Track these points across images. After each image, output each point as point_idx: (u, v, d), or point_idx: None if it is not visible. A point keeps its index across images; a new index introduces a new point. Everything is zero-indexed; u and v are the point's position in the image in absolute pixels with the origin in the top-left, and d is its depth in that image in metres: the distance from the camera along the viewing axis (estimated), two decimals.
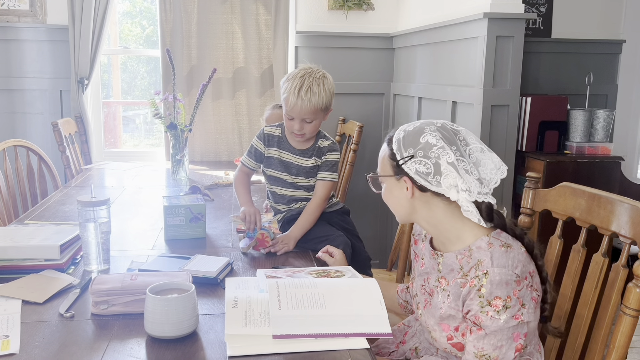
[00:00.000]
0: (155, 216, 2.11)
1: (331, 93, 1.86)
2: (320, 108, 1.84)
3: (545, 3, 3.22)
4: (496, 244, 1.15)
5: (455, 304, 1.17)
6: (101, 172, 3.02)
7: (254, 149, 1.96)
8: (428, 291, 1.28)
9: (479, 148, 1.21)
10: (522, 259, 1.13)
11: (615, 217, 1.23)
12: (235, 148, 3.51)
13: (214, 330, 1.19)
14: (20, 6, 3.37)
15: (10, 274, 1.46)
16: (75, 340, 1.15)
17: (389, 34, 3.58)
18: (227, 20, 3.38)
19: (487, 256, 1.13)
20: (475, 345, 1.13)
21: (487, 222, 1.19)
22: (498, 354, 1.12)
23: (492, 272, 1.10)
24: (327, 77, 1.87)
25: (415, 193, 1.20)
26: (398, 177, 1.22)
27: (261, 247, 1.71)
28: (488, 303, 1.10)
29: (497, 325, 1.10)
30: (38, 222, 1.97)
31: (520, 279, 1.11)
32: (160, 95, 2.78)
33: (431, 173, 1.16)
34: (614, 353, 1.16)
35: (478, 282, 1.11)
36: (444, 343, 1.23)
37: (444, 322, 1.21)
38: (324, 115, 1.89)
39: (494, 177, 1.20)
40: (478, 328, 1.12)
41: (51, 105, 3.48)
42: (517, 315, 1.10)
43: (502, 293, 1.09)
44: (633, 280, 1.14)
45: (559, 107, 2.68)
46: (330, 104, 1.88)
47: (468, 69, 2.58)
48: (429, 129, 1.20)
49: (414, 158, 1.18)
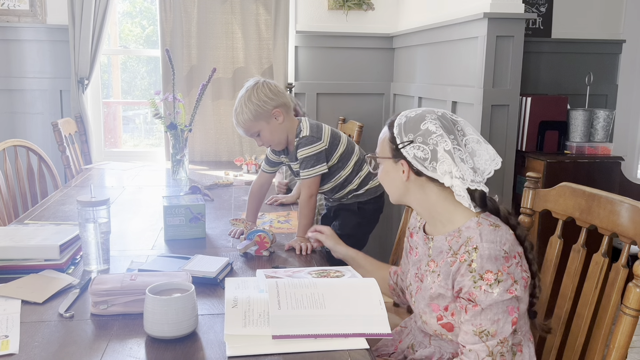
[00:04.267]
0: (155, 216, 2.11)
1: (260, 101, 1.89)
2: (251, 120, 1.90)
3: (545, 3, 3.22)
4: (485, 223, 1.19)
5: (445, 282, 1.20)
6: (101, 172, 3.02)
7: (267, 157, 2.11)
8: (420, 277, 1.31)
9: (476, 139, 1.26)
10: (510, 238, 1.17)
11: (615, 217, 1.23)
12: (235, 148, 3.51)
13: (213, 331, 1.19)
14: (20, 6, 3.37)
15: (10, 274, 1.46)
16: (74, 340, 1.15)
17: (389, 34, 3.58)
18: (227, 20, 3.38)
19: (476, 233, 1.17)
20: (473, 322, 1.15)
21: (479, 208, 1.23)
22: (496, 328, 1.14)
23: (481, 246, 1.14)
24: (254, 89, 1.91)
25: (410, 176, 1.25)
26: (396, 160, 1.26)
27: (262, 250, 1.70)
28: (480, 277, 1.13)
29: (492, 299, 1.12)
30: (38, 222, 1.96)
31: (509, 256, 1.14)
32: (160, 95, 2.78)
33: (428, 159, 1.21)
34: (614, 353, 1.16)
35: (468, 257, 1.15)
36: (434, 324, 1.25)
37: (434, 302, 1.24)
38: (267, 122, 1.92)
39: (488, 168, 1.25)
40: (473, 305, 1.14)
41: (51, 105, 3.48)
42: (510, 289, 1.13)
43: (493, 267, 1.13)
44: (633, 280, 1.14)
45: (559, 107, 2.68)
46: (265, 110, 1.90)
47: (468, 69, 2.58)
48: (430, 116, 1.24)
49: (413, 143, 1.22)
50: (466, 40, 2.59)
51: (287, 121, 1.96)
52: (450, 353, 1.28)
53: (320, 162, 1.97)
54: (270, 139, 1.95)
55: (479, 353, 1.14)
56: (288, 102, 1.99)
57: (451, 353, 1.27)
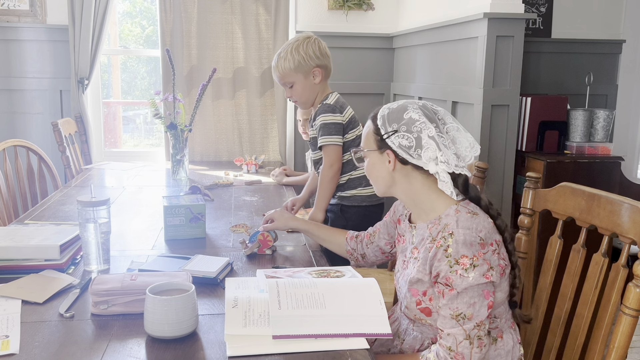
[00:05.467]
0: (155, 216, 2.11)
1: (307, 55, 1.96)
2: (291, 70, 1.96)
3: (545, 3, 3.22)
4: (463, 210, 1.23)
5: (423, 267, 1.23)
6: (101, 172, 3.02)
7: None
8: (405, 264, 1.34)
9: (455, 127, 1.31)
10: (487, 226, 1.20)
11: (615, 217, 1.23)
12: (235, 148, 3.51)
13: (213, 331, 1.19)
14: (20, 6, 3.37)
15: (10, 274, 1.46)
16: (75, 341, 1.15)
17: (389, 34, 3.58)
18: (227, 20, 3.38)
19: (454, 220, 1.20)
20: (450, 306, 1.17)
21: (462, 195, 1.27)
22: (472, 311, 1.16)
23: (457, 232, 1.17)
24: (305, 42, 1.97)
25: (396, 166, 1.28)
26: (381, 151, 1.30)
27: (265, 248, 1.71)
28: (456, 262, 1.15)
29: (467, 283, 1.15)
30: (38, 222, 1.96)
31: (485, 243, 1.16)
32: (160, 95, 2.78)
33: (413, 146, 1.24)
34: (614, 353, 1.16)
35: (444, 243, 1.17)
36: (414, 309, 1.28)
37: (413, 286, 1.26)
38: (305, 77, 1.97)
39: (468, 154, 1.30)
40: (450, 289, 1.17)
41: (51, 105, 3.48)
42: (486, 274, 1.15)
43: (468, 252, 1.15)
44: (633, 280, 1.14)
45: (559, 107, 2.68)
46: (307, 65, 1.97)
47: (468, 69, 2.58)
48: (412, 106, 1.29)
49: (398, 132, 1.26)
50: (466, 40, 2.59)
51: (322, 85, 2.03)
52: (430, 338, 1.31)
53: (338, 134, 2.01)
54: (301, 94, 2.00)
55: (456, 337, 1.16)
56: (329, 67, 2.06)
57: (431, 338, 1.30)
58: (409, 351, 1.34)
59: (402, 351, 1.36)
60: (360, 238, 1.61)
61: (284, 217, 1.73)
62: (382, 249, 1.56)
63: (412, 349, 1.34)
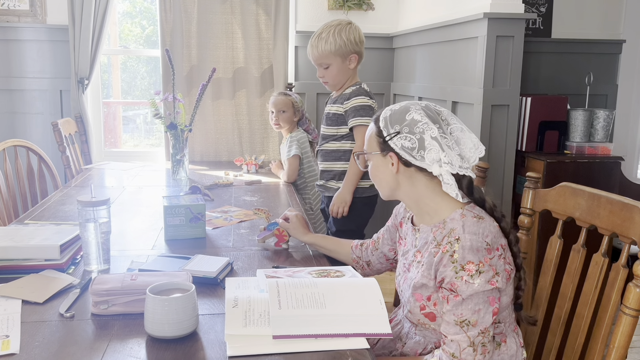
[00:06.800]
0: (155, 216, 2.11)
1: (348, 40, 2.05)
2: (331, 52, 2.02)
3: (545, 3, 3.22)
4: (469, 215, 1.21)
5: (428, 272, 1.22)
6: (101, 172, 3.02)
7: None
8: (407, 267, 1.33)
9: (460, 128, 1.28)
10: (493, 230, 1.18)
11: (615, 217, 1.23)
12: (235, 148, 3.51)
13: (214, 330, 1.19)
14: (20, 6, 3.37)
15: (10, 274, 1.45)
16: (75, 340, 1.15)
17: (389, 34, 3.58)
18: (227, 20, 3.38)
19: (459, 225, 1.18)
20: (455, 312, 1.16)
21: (466, 197, 1.25)
22: (477, 318, 1.15)
23: (463, 237, 1.15)
24: (347, 27, 2.05)
25: (400, 168, 1.27)
26: (384, 153, 1.28)
27: (281, 242, 1.73)
28: (462, 268, 1.14)
29: (473, 289, 1.14)
30: (38, 222, 1.96)
31: (491, 248, 1.15)
32: (160, 95, 2.78)
33: (416, 148, 1.23)
34: (614, 353, 1.16)
35: (450, 248, 1.16)
36: (418, 314, 1.27)
37: (417, 291, 1.25)
38: (342, 61, 2.05)
39: (472, 155, 1.28)
40: (455, 295, 1.16)
41: (51, 105, 3.48)
42: (492, 281, 1.14)
43: (474, 258, 1.14)
44: (633, 280, 1.14)
45: (559, 107, 2.68)
46: (347, 50, 2.03)
47: (468, 69, 2.58)
48: (414, 107, 1.27)
49: (400, 134, 1.24)
50: (466, 40, 2.59)
51: (354, 70, 2.11)
52: (434, 342, 1.30)
53: (370, 116, 2.05)
54: (335, 76, 2.07)
55: (460, 343, 1.16)
56: (363, 55, 2.14)
57: (434, 342, 1.30)
58: (410, 354, 1.34)
59: (404, 354, 1.36)
60: (366, 246, 1.61)
61: (299, 230, 1.72)
62: (386, 256, 1.55)
63: (414, 353, 1.33)
